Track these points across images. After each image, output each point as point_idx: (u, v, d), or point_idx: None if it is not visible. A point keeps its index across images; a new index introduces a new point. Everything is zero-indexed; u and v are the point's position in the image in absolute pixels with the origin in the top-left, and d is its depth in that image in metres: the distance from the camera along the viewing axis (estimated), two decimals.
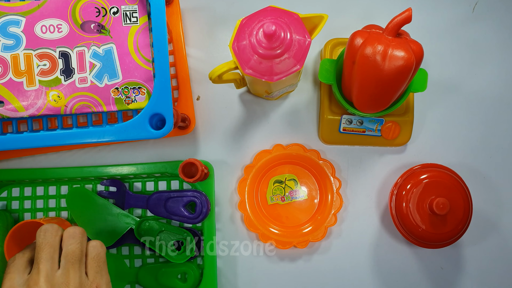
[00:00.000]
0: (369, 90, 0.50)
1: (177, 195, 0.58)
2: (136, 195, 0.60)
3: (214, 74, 0.49)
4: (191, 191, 0.58)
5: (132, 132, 0.47)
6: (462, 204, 0.55)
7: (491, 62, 0.63)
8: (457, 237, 0.56)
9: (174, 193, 0.58)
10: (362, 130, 0.60)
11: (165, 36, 0.47)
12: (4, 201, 0.62)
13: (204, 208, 0.57)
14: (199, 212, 0.57)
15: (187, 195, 0.58)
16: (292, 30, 0.45)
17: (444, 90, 0.63)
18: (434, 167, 0.58)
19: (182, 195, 0.58)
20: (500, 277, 0.61)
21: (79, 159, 0.62)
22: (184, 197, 0.58)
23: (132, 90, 0.54)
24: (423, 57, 0.47)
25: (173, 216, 0.58)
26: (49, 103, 0.53)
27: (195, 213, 0.57)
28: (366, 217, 0.62)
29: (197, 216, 0.57)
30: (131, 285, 0.60)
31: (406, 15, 0.46)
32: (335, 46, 0.60)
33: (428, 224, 0.55)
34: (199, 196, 0.57)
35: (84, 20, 0.53)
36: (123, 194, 0.60)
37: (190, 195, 0.57)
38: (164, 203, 0.58)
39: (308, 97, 0.63)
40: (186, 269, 0.58)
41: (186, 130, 0.59)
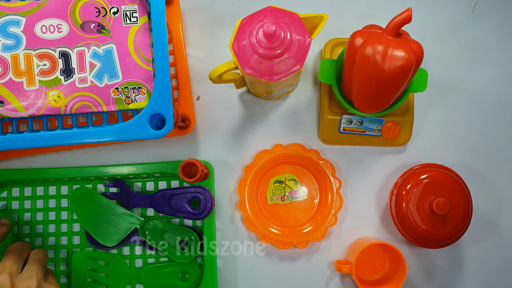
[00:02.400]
0: (369, 90, 0.50)
1: (180, 192, 0.58)
2: (140, 194, 0.60)
3: (214, 74, 0.49)
4: (194, 187, 0.58)
5: (132, 132, 0.47)
6: (462, 204, 0.55)
7: (491, 62, 0.63)
8: (457, 237, 0.56)
9: (178, 190, 0.58)
10: (362, 130, 0.60)
11: (165, 36, 0.47)
12: (4, 201, 0.62)
13: (208, 204, 0.57)
14: (203, 208, 0.57)
15: (191, 191, 0.58)
16: (292, 30, 0.45)
17: (444, 90, 0.63)
18: (434, 167, 0.58)
19: (186, 192, 0.58)
20: (500, 276, 0.61)
21: (79, 159, 0.62)
22: (187, 194, 0.58)
23: (132, 90, 0.54)
24: (423, 57, 0.47)
25: (178, 213, 0.58)
26: (49, 103, 0.53)
27: (199, 209, 0.57)
28: (366, 217, 0.62)
29: (201, 212, 0.57)
30: (131, 285, 0.60)
31: (406, 15, 0.46)
32: (335, 46, 0.60)
33: (428, 224, 0.55)
34: (203, 192, 0.57)
35: (84, 20, 0.53)
36: (126, 194, 0.60)
37: (194, 191, 0.58)
38: (168, 200, 0.58)
39: (308, 97, 0.63)
40: (187, 268, 0.59)
41: (186, 130, 0.59)
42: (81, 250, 0.61)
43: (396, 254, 0.56)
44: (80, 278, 0.60)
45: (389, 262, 0.60)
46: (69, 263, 0.61)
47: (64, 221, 0.61)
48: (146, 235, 0.58)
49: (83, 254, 0.60)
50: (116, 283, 0.60)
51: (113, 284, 0.60)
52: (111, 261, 0.60)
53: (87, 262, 0.60)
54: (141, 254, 0.61)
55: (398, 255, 0.56)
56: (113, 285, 0.60)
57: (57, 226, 0.61)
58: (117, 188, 0.60)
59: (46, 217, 0.61)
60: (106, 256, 0.60)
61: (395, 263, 0.58)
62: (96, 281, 0.60)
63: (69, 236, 0.61)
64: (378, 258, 0.61)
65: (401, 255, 0.55)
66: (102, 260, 0.60)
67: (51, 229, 0.61)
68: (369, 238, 0.60)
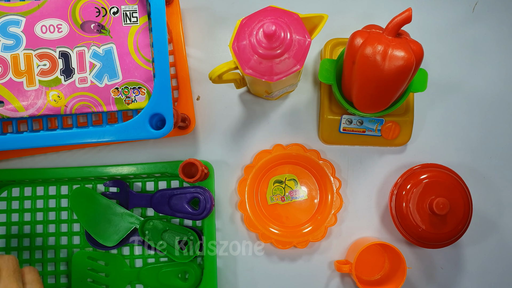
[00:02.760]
0: (369, 90, 0.50)
1: (180, 192, 0.58)
2: (140, 194, 0.60)
3: (214, 74, 0.49)
4: (194, 188, 0.58)
5: (132, 132, 0.47)
6: (462, 204, 0.55)
7: (491, 62, 0.63)
8: (457, 237, 0.56)
9: (177, 190, 0.58)
10: (362, 130, 0.60)
11: (165, 36, 0.47)
12: (4, 201, 0.62)
13: (208, 204, 0.57)
14: (203, 208, 0.57)
15: (190, 191, 0.58)
16: (292, 30, 0.45)
17: (444, 90, 0.63)
18: (434, 167, 0.58)
19: (185, 192, 0.58)
20: (500, 276, 0.61)
21: (79, 159, 0.62)
22: (187, 194, 0.58)
23: (132, 90, 0.54)
24: (423, 57, 0.47)
25: (177, 213, 0.58)
26: (49, 103, 0.53)
27: (199, 209, 0.57)
28: (366, 217, 0.62)
29: (201, 212, 0.57)
30: (131, 285, 0.60)
31: (406, 15, 0.46)
32: (335, 46, 0.60)
33: (428, 224, 0.55)
34: (203, 192, 0.57)
35: (84, 20, 0.53)
36: (126, 194, 0.60)
37: (193, 191, 0.58)
38: (168, 200, 0.58)
39: (308, 97, 0.63)
40: (187, 268, 0.59)
41: (186, 130, 0.59)
42: (81, 250, 0.61)
43: (396, 254, 0.56)
44: (80, 278, 0.60)
45: (389, 262, 0.60)
46: (69, 263, 0.61)
47: (64, 221, 0.61)
48: (146, 235, 0.58)
49: (83, 254, 0.60)
50: (116, 283, 0.60)
51: (113, 284, 0.60)
52: (111, 261, 0.60)
53: (87, 262, 0.60)
54: (141, 254, 0.61)
55: (398, 255, 0.56)
56: (113, 285, 0.60)
57: (57, 226, 0.61)
58: (117, 188, 0.60)
59: (46, 217, 0.61)
60: (106, 256, 0.60)
61: (395, 263, 0.58)
62: (96, 281, 0.60)
63: (69, 236, 0.61)
64: (378, 258, 0.61)
65: (401, 255, 0.55)
66: (102, 260, 0.60)
67: (51, 229, 0.61)
68: (369, 238, 0.60)
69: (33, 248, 0.61)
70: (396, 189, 0.58)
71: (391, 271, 0.59)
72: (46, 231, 0.61)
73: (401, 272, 0.56)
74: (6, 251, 0.61)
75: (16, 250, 0.61)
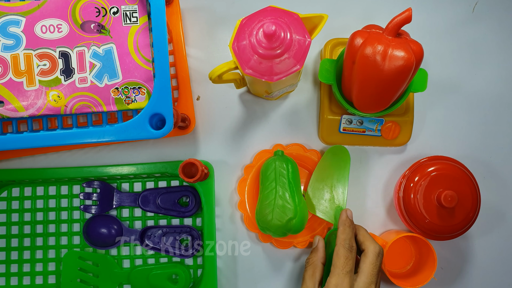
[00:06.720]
0: (369, 90, 0.50)
1: (167, 191, 0.60)
2: (126, 193, 0.61)
3: (214, 74, 0.49)
4: (179, 187, 0.60)
5: (132, 132, 0.47)
6: (470, 197, 0.55)
7: (491, 62, 0.63)
8: (465, 229, 0.56)
9: (164, 189, 0.60)
10: (362, 130, 0.60)
11: (165, 36, 0.47)
12: (4, 201, 0.62)
13: (198, 200, 0.59)
14: (192, 205, 0.59)
15: (177, 190, 0.59)
16: (292, 30, 0.45)
17: (444, 90, 0.63)
18: (442, 159, 0.57)
19: (173, 191, 0.60)
20: (509, 267, 0.61)
21: (79, 159, 0.62)
22: (175, 192, 0.59)
23: (132, 90, 0.54)
24: (423, 57, 0.47)
25: (166, 210, 0.59)
26: (49, 103, 0.53)
27: (188, 206, 0.59)
28: (366, 217, 0.62)
29: (190, 209, 0.59)
30: (120, 287, 0.60)
31: (406, 15, 0.46)
32: (335, 46, 0.60)
33: (436, 216, 0.55)
34: (191, 189, 0.59)
35: (84, 20, 0.53)
36: (109, 194, 0.60)
37: (181, 190, 0.59)
38: (156, 199, 0.59)
39: (308, 97, 0.63)
40: (177, 271, 0.59)
41: (186, 130, 0.59)
42: (71, 250, 0.61)
43: (425, 245, 0.57)
44: (70, 278, 0.59)
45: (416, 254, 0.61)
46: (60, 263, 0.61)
47: (64, 221, 0.61)
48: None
49: (74, 254, 0.60)
50: (106, 284, 0.60)
51: (102, 285, 0.60)
52: (102, 262, 0.60)
53: (78, 262, 0.60)
54: (132, 255, 0.61)
55: (426, 245, 0.56)
56: (102, 286, 0.60)
57: (57, 226, 0.61)
58: (93, 189, 0.61)
59: (46, 217, 0.61)
60: (97, 257, 0.60)
61: (423, 254, 0.59)
62: (86, 281, 0.60)
63: (69, 236, 0.61)
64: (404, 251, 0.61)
65: (430, 245, 0.56)
66: (93, 260, 0.60)
67: (51, 229, 0.61)
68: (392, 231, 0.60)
69: (33, 248, 0.61)
70: (404, 181, 0.57)
71: (420, 263, 0.59)
72: (46, 231, 0.61)
73: (431, 261, 0.56)
74: (6, 251, 0.61)
75: (16, 250, 0.61)
